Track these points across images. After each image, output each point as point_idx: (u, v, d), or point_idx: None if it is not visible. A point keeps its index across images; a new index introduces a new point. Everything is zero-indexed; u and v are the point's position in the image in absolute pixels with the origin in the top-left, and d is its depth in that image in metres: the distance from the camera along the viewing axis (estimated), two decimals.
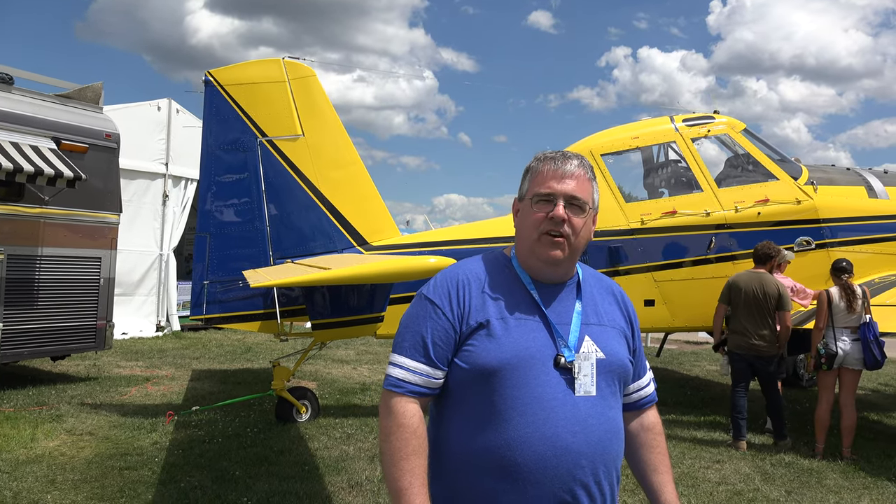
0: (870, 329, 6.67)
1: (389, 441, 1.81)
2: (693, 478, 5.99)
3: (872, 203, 8.95)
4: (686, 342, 17.67)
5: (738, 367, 7.29)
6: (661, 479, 2.04)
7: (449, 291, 1.89)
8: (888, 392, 11.08)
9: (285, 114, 7.78)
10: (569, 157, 1.93)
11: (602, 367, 1.88)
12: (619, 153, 8.91)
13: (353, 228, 7.87)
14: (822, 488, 5.79)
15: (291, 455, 6.36)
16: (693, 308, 8.37)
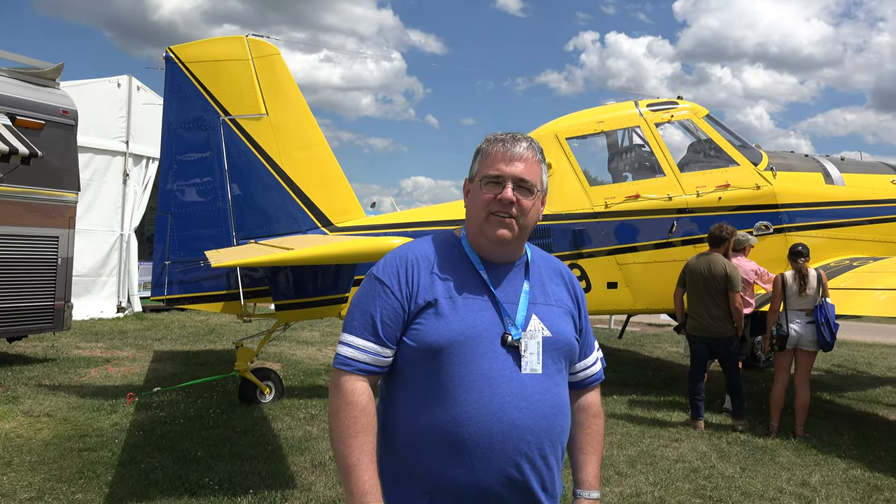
0: (822, 311, 6.85)
1: (338, 419, 1.83)
2: (652, 456, 6.12)
3: (829, 189, 9.16)
4: (648, 324, 17.97)
5: (695, 348, 7.44)
6: (585, 458, 2.09)
7: (398, 271, 1.91)
8: (841, 373, 11.41)
9: (249, 92, 7.67)
10: (518, 139, 1.96)
11: (548, 345, 1.92)
12: (584, 137, 8.97)
13: (317, 209, 7.81)
14: (775, 465, 5.96)
15: (254, 436, 6.34)
16: (655, 291, 8.50)
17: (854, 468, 5.89)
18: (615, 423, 7.20)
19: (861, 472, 5.80)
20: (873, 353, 14.05)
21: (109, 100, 14.32)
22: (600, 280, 8.36)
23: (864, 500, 5.15)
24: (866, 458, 6.21)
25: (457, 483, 1.80)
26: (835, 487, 5.41)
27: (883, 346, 15.16)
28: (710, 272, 7.20)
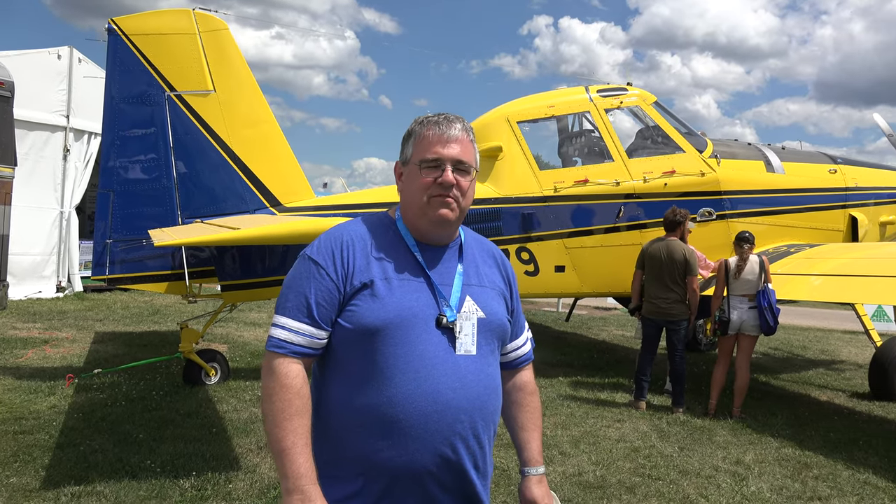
0: (765, 297, 7.08)
1: (272, 402, 1.81)
2: (595, 436, 6.26)
3: (770, 177, 9.42)
4: (595, 308, 18.27)
5: (648, 331, 7.60)
6: (528, 435, 2.13)
7: (333, 252, 1.90)
8: (777, 356, 11.82)
9: (195, 68, 7.48)
10: (451, 120, 1.97)
11: (482, 326, 1.94)
12: (535, 121, 9.03)
13: (265, 189, 7.69)
14: (711, 444, 6.16)
15: (199, 417, 6.25)
16: (601, 274, 8.65)
17: (786, 447, 6.13)
18: (560, 405, 7.34)
19: (792, 450, 6.04)
20: (808, 336, 14.58)
21: (49, 72, 13.80)
22: (548, 264, 8.45)
23: (795, 477, 5.37)
24: (798, 437, 6.47)
25: (391, 464, 1.81)
26: (767, 465, 5.62)
27: (817, 330, 15.75)
28: (670, 257, 7.34)
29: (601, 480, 5.12)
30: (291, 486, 1.76)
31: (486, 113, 8.98)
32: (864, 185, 10.16)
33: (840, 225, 9.85)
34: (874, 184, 10.34)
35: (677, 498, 4.83)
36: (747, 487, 5.08)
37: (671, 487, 5.03)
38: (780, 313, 7.18)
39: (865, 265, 8.06)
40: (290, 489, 1.76)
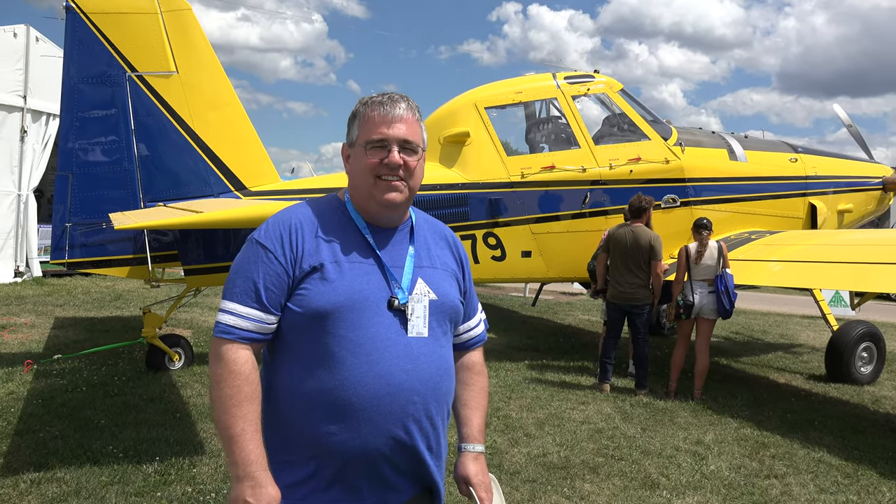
0: (723, 281, 7.23)
1: (221, 388, 1.78)
2: (559, 418, 6.33)
3: (732, 165, 9.58)
4: (562, 293, 18.44)
5: (612, 315, 7.69)
6: (470, 413, 2.12)
7: (281, 235, 1.87)
8: (738, 340, 12.06)
9: (157, 48, 7.33)
10: (396, 99, 1.94)
11: (434, 308, 1.93)
12: (503, 107, 9.04)
13: (230, 172, 7.59)
14: (673, 425, 6.28)
15: (162, 403, 6.19)
16: (567, 260, 8.73)
17: (745, 427, 6.28)
18: (526, 388, 7.41)
19: (751, 430, 6.18)
20: (768, 321, 14.90)
21: (5, 51, 13.41)
22: (515, 249, 8.50)
23: (752, 456, 5.50)
24: (756, 418, 6.62)
25: (344, 447, 1.80)
26: (726, 445, 5.75)
27: (777, 315, 16.09)
28: (636, 242, 7.43)
29: (565, 461, 5.19)
30: (242, 473, 1.74)
31: (453, 98, 8.97)
32: (824, 174, 10.38)
33: (800, 212, 10.06)
34: (833, 173, 10.57)
35: (639, 477, 4.92)
36: (707, 466, 5.19)
37: (633, 467, 5.13)
38: (736, 297, 7.35)
39: (823, 252, 8.26)
40: (241, 476, 1.74)
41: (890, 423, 6.73)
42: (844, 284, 8.64)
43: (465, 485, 2.06)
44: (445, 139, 8.45)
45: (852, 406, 7.42)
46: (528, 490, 4.61)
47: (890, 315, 17.23)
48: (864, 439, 6.07)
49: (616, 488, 4.71)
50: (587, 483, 4.78)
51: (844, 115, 12.61)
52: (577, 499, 4.51)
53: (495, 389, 7.27)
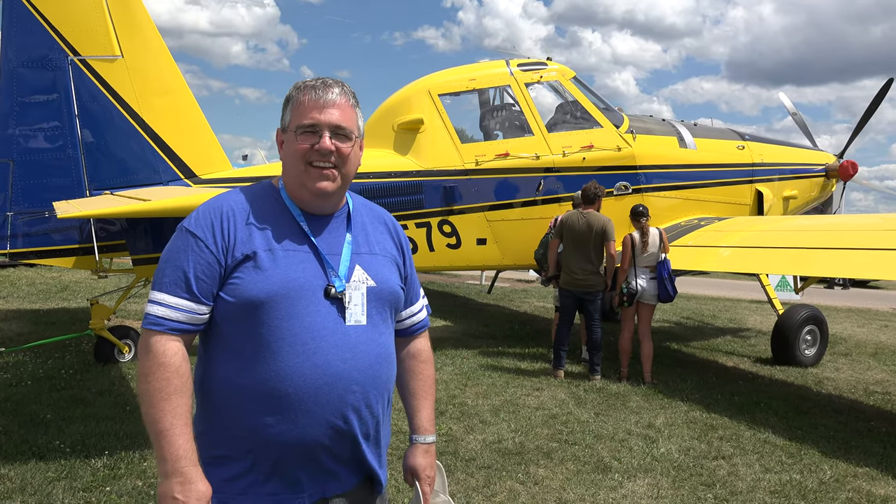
0: (665, 267, 7.41)
1: (149, 381, 1.73)
2: (514, 404, 6.40)
3: (682, 152, 9.75)
4: (518, 280, 18.60)
5: (565, 301, 7.78)
6: (419, 403, 2.10)
7: (212, 223, 1.81)
8: (689, 324, 12.34)
9: (101, 31, 7.10)
10: (329, 84, 1.89)
11: (373, 295, 1.90)
12: (456, 94, 9.02)
13: (179, 159, 7.42)
14: (625, 409, 6.40)
15: (111, 396, 6.06)
16: (522, 247, 8.78)
17: (694, 410, 6.43)
18: (482, 375, 7.46)
19: (700, 413, 6.34)
20: (718, 305, 15.27)
21: None
22: (470, 236, 8.52)
23: (701, 438, 5.64)
24: (705, 400, 6.79)
25: (281, 439, 1.76)
26: (676, 428, 5.89)
27: (726, 300, 16.50)
28: (588, 228, 7.50)
29: (520, 447, 5.25)
30: (170, 469, 1.69)
31: (407, 85, 8.92)
32: (770, 161, 10.64)
33: (747, 199, 10.30)
34: (779, 160, 10.85)
35: (592, 461, 5.00)
36: (657, 449, 5.31)
37: (586, 451, 5.21)
38: (674, 281, 7.55)
39: (769, 238, 8.49)
40: (169, 472, 1.69)
41: (832, 404, 6.98)
42: (789, 269, 8.89)
43: (411, 476, 2.06)
44: (399, 126, 8.41)
45: (796, 387, 7.67)
46: (484, 476, 4.65)
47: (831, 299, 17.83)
48: (807, 419, 6.28)
49: (569, 472, 4.78)
50: (541, 468, 4.84)
51: (789, 104, 12.93)
52: (530, 484, 4.56)
53: (451, 377, 7.30)
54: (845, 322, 13.40)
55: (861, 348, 10.38)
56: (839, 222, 9.34)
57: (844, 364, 9.09)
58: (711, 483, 4.69)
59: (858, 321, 13.77)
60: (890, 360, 9.56)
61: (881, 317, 14.88)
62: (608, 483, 4.62)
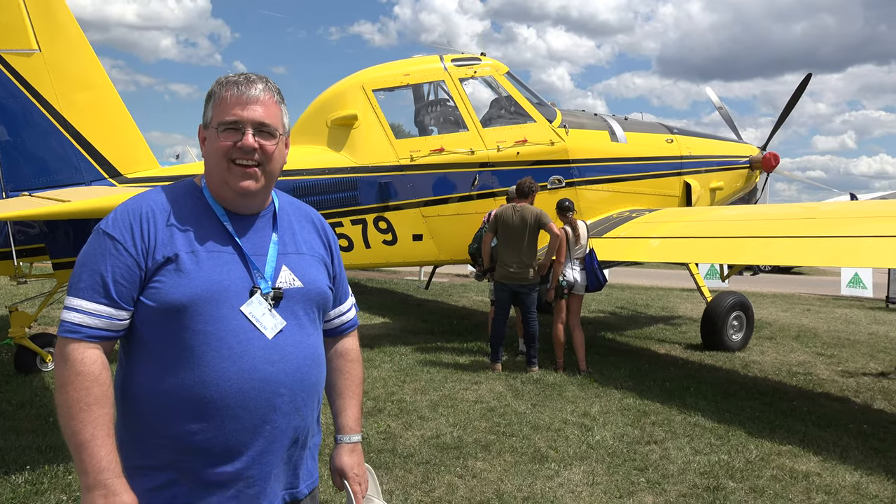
0: (593, 258, 7.59)
1: (67, 392, 1.66)
2: (453, 399, 6.42)
3: (614, 146, 9.94)
4: (456, 275, 18.67)
5: (500, 295, 7.84)
6: (345, 402, 2.08)
7: (131, 225, 1.75)
8: (623, 314, 12.62)
9: (16, 24, 6.76)
10: (253, 80, 1.84)
11: (300, 295, 1.86)
12: (391, 89, 8.97)
13: (102, 158, 7.15)
14: (562, 399, 6.50)
15: (33, 407, 5.80)
16: (458, 242, 8.81)
17: (628, 397, 6.58)
18: (420, 371, 7.46)
19: (633, 400, 6.49)
20: (650, 295, 15.67)
21: None
22: (406, 232, 8.50)
23: (635, 424, 5.77)
24: (638, 388, 6.95)
25: (207, 446, 1.71)
26: (611, 415, 6.01)
27: (658, 289, 16.96)
28: (522, 221, 7.57)
29: (458, 441, 5.27)
30: (92, 482, 1.63)
31: (340, 80, 8.82)
32: (697, 154, 10.96)
33: (676, 191, 10.59)
34: (706, 153, 11.18)
35: (529, 452, 5.06)
36: (592, 437, 5.41)
37: (524, 442, 5.27)
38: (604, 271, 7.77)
39: (698, 228, 8.76)
40: (91, 485, 1.63)
41: (757, 386, 7.24)
42: (717, 258, 9.17)
43: (339, 477, 2.03)
44: (333, 122, 8.32)
45: (725, 371, 7.94)
46: (422, 472, 4.65)
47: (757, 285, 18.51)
48: (734, 402, 6.50)
49: (507, 464, 4.83)
50: (479, 461, 4.87)
51: (716, 98, 13.34)
52: (469, 477, 4.59)
53: (389, 374, 7.28)
54: (770, 307, 13.94)
55: (785, 332, 10.81)
56: (763, 212, 9.69)
57: (769, 347, 9.45)
58: (644, 467, 4.81)
59: (782, 306, 14.35)
60: (811, 342, 10.00)
61: (803, 301, 15.54)
62: (545, 472, 4.68)
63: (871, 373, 8.09)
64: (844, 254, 6.54)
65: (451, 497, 4.29)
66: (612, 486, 4.49)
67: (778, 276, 23.92)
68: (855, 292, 16.73)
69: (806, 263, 10.32)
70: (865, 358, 8.96)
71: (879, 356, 9.11)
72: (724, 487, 4.47)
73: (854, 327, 11.72)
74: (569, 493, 4.36)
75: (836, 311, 13.81)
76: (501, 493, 4.34)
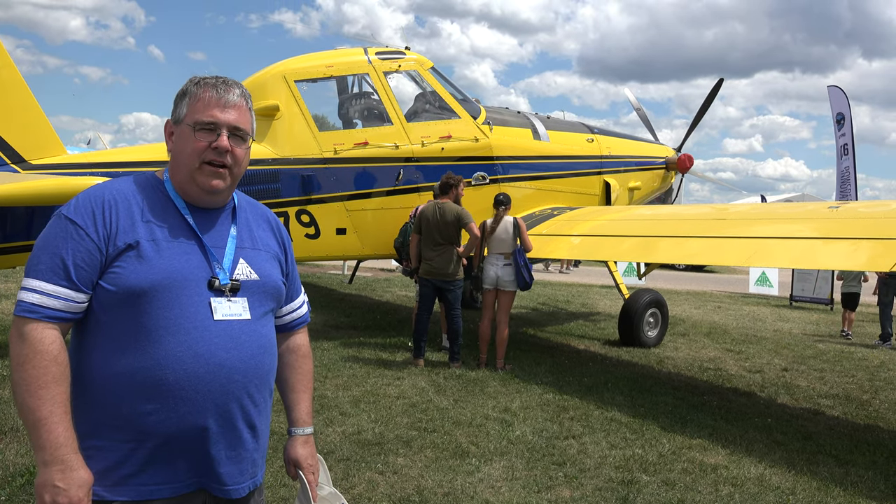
0: (521, 256, 7.65)
1: (24, 369, 1.69)
2: (375, 394, 6.37)
3: (536, 144, 10.08)
4: (380, 269, 18.57)
5: (423, 291, 7.83)
6: (297, 396, 2.16)
7: (93, 211, 1.80)
8: (544, 310, 12.84)
9: None
10: (230, 85, 1.93)
11: (256, 288, 1.94)
12: (314, 80, 8.82)
13: (5, 144, 6.75)
14: (483, 395, 6.54)
15: None
16: (382, 237, 8.76)
17: (548, 393, 6.69)
18: (342, 366, 7.37)
19: (553, 395, 6.60)
20: (571, 291, 16.00)
21: None
22: (329, 226, 8.39)
23: (554, 419, 5.87)
24: (558, 383, 7.08)
25: (160, 428, 1.75)
26: (531, 411, 6.09)
27: (579, 286, 17.33)
28: (443, 218, 7.57)
29: (379, 437, 5.23)
30: (49, 458, 1.66)
31: (262, 69, 8.61)
32: (617, 154, 11.25)
33: (596, 189, 10.83)
34: (625, 152, 11.49)
35: (450, 448, 5.07)
36: (513, 432, 5.47)
37: (445, 438, 5.27)
38: (532, 269, 7.82)
39: (616, 226, 8.97)
40: (48, 460, 1.66)
41: (671, 381, 7.49)
42: (634, 256, 9.43)
43: (293, 467, 2.09)
44: (254, 112, 8.09)
45: (640, 367, 8.18)
46: (343, 468, 4.59)
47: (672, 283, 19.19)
48: (649, 397, 6.70)
49: (428, 460, 4.82)
50: (400, 457, 4.84)
51: (634, 99, 13.72)
52: (389, 473, 4.55)
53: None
54: (684, 304, 14.47)
55: (697, 328, 11.24)
56: (677, 212, 10.03)
57: (682, 343, 9.81)
58: (562, 462, 4.89)
59: (695, 303, 14.92)
60: (721, 338, 10.43)
61: (715, 299, 16.21)
62: (465, 468, 4.70)
63: (776, 368, 8.50)
64: (752, 254, 6.82)
65: (372, 493, 4.25)
66: (531, 480, 4.55)
67: (691, 273, 24.88)
68: (762, 290, 17.58)
69: (717, 263, 10.75)
70: (770, 354, 9.41)
71: (783, 352, 9.58)
72: (637, 481, 4.59)
73: (761, 324, 12.30)
74: (489, 489, 4.39)
75: (744, 309, 14.45)
76: (422, 489, 4.33)
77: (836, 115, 16.50)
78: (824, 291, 15.65)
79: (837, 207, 7.20)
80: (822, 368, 8.61)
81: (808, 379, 7.99)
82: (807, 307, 15.46)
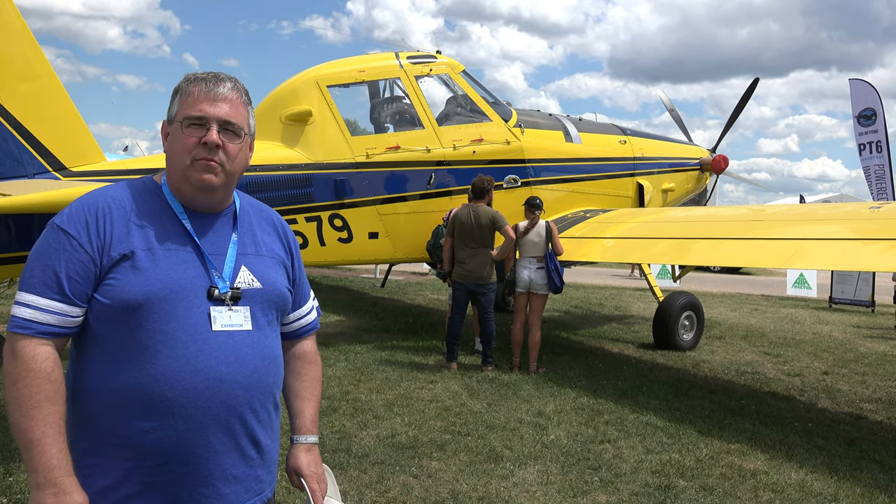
0: (552, 259, 7.61)
1: (17, 388, 1.62)
2: (408, 398, 6.38)
3: (568, 146, 10.03)
4: (412, 273, 18.62)
5: (457, 294, 7.83)
6: (302, 404, 2.06)
7: (87, 220, 1.72)
8: (577, 313, 12.75)
9: None
10: (221, 78, 1.83)
11: (259, 297, 1.85)
12: (346, 86, 8.88)
13: (47, 151, 6.91)
14: (517, 398, 6.52)
15: None
16: (414, 240, 8.78)
17: (582, 396, 6.63)
18: (375, 370, 7.40)
19: (587, 399, 6.55)
20: (604, 294, 15.87)
21: None
22: (362, 230, 8.43)
23: (588, 423, 5.82)
24: (592, 387, 7.02)
25: (160, 446, 1.68)
26: (565, 414, 6.05)
27: (612, 288, 17.18)
28: (478, 222, 7.58)
29: (413, 440, 5.24)
30: (42, 480, 1.60)
31: (294, 76, 8.70)
32: (650, 156, 11.14)
33: (629, 191, 10.74)
34: (658, 154, 11.37)
35: (484, 451, 5.06)
36: (547, 436, 5.44)
37: (479, 442, 5.26)
38: (563, 273, 7.76)
39: (650, 229, 8.88)
40: (41, 483, 1.60)
41: (707, 385, 7.38)
42: (668, 259, 9.31)
43: (296, 476, 1.99)
44: (287, 118, 8.19)
45: (675, 371, 8.07)
46: (377, 472, 4.60)
47: (707, 285, 18.92)
48: (685, 401, 6.61)
49: (462, 464, 4.81)
50: (434, 461, 4.85)
51: (667, 100, 13.57)
52: (424, 477, 4.56)
53: (345, 373, 7.21)
54: (719, 307, 14.26)
55: (733, 331, 11.07)
56: (712, 214, 9.88)
57: (719, 347, 9.66)
58: (598, 466, 4.85)
59: (731, 306, 14.69)
60: (758, 341, 10.25)
61: (751, 301, 15.94)
62: (500, 472, 4.69)
63: (816, 372, 8.33)
64: (792, 255, 6.69)
65: (406, 497, 4.25)
66: (566, 485, 4.52)
67: (727, 276, 24.50)
68: (800, 293, 17.23)
69: (754, 265, 10.59)
70: (810, 357, 9.22)
71: (823, 355, 9.38)
72: (675, 486, 4.53)
73: (799, 327, 12.07)
74: (523, 493, 4.37)
75: (781, 311, 14.19)
76: (456, 493, 4.32)
77: (860, 110, 14.98)
78: (865, 293, 15.26)
79: (879, 208, 7.03)
80: (864, 372, 8.41)
81: (849, 383, 7.81)
82: (847, 309, 15.13)
